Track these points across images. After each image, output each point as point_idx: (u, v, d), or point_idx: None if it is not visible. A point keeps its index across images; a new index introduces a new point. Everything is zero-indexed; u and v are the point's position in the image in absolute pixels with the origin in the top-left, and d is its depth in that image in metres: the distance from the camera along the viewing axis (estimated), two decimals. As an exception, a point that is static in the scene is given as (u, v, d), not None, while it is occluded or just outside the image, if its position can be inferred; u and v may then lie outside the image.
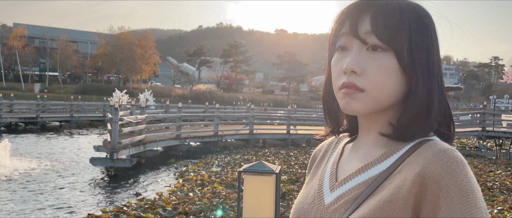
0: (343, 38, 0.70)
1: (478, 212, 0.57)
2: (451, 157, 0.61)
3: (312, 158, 0.89)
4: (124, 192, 8.64)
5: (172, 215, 6.00)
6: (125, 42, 53.64)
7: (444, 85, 0.73)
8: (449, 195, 0.58)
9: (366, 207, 0.64)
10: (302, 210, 0.76)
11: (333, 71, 0.72)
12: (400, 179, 0.63)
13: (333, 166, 0.78)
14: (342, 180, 0.72)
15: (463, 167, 0.60)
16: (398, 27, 0.66)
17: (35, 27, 64.84)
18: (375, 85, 0.66)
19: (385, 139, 0.71)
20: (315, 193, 0.76)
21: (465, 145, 19.30)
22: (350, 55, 0.68)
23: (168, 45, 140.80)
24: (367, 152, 0.72)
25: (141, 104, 15.31)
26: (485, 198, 6.91)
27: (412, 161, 0.64)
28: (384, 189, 0.64)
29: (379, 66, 0.66)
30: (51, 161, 11.56)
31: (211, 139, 15.00)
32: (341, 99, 0.69)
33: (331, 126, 0.81)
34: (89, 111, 28.30)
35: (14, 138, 17.06)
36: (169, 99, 31.90)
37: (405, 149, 0.67)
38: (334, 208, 0.70)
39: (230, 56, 64.96)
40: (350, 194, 0.69)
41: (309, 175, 0.86)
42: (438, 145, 0.64)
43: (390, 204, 0.62)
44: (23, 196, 7.78)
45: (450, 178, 0.59)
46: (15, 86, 47.78)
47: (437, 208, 0.58)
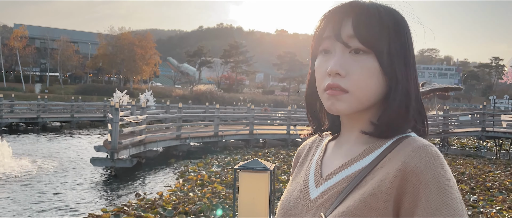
0: (326, 41, 0.74)
1: (454, 202, 0.63)
2: (429, 152, 0.66)
3: (297, 156, 0.92)
4: (125, 192, 8.67)
5: (172, 215, 6.03)
6: (126, 43, 53.70)
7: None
8: (428, 187, 0.63)
9: (351, 200, 0.68)
10: (288, 205, 0.79)
11: (317, 73, 0.75)
12: (383, 173, 0.67)
13: (317, 163, 0.81)
14: (326, 176, 0.76)
15: (440, 161, 0.65)
16: (378, 32, 0.70)
17: (36, 27, 64.94)
18: (358, 86, 0.70)
19: (367, 136, 0.75)
20: (301, 189, 0.79)
21: (465, 145, 19.30)
22: (334, 57, 0.72)
23: (168, 46, 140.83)
24: (350, 149, 0.76)
25: (141, 104, 15.33)
26: (484, 198, 6.95)
27: (393, 156, 0.69)
28: (367, 183, 0.68)
29: (362, 68, 0.70)
30: (51, 161, 11.60)
31: (211, 139, 15.03)
32: (326, 100, 0.73)
33: (314, 125, 0.85)
34: (89, 111, 28.34)
35: (15, 138, 17.11)
36: (170, 100, 31.93)
37: (386, 146, 0.72)
38: (320, 202, 0.73)
39: (230, 57, 64.97)
40: (335, 189, 0.72)
41: (294, 173, 0.89)
42: (417, 141, 0.69)
43: (373, 197, 0.65)
44: (23, 196, 7.81)
45: (429, 172, 0.63)
46: (15, 87, 47.86)
47: (417, 199, 0.63)
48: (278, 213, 0.81)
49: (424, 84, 20.05)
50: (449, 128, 17.03)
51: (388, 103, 0.72)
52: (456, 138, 20.82)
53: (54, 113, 25.58)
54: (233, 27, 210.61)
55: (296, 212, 0.77)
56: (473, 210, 6.02)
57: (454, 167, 10.79)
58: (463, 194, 7.26)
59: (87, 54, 62.07)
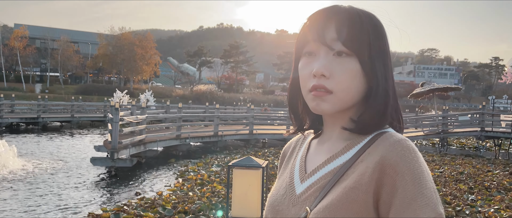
0: (310, 44, 0.77)
1: (428, 191, 0.67)
2: (404, 146, 0.71)
3: (282, 155, 0.97)
4: (125, 191, 8.71)
5: (172, 214, 6.06)
6: (126, 43, 53.75)
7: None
8: (404, 178, 0.68)
9: (334, 194, 0.73)
10: (276, 201, 0.83)
11: (302, 74, 0.79)
12: (363, 167, 0.72)
13: (302, 160, 0.86)
14: (311, 172, 0.80)
15: (415, 154, 0.70)
16: (360, 35, 0.75)
17: (36, 27, 65.01)
18: (342, 87, 0.75)
19: (348, 133, 0.79)
20: (287, 186, 0.84)
21: (464, 145, 19.32)
22: (319, 60, 0.76)
23: (168, 46, 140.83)
24: (332, 145, 0.81)
25: (141, 104, 15.37)
26: (482, 197, 6.98)
27: (372, 151, 0.74)
28: (349, 177, 0.73)
29: (346, 70, 0.75)
30: (52, 161, 11.63)
31: (211, 139, 15.06)
32: (311, 101, 0.77)
33: (296, 125, 0.89)
34: (90, 111, 28.38)
35: (15, 138, 17.15)
36: (170, 100, 31.97)
37: (365, 141, 0.77)
38: (305, 197, 0.77)
39: (230, 57, 65.00)
40: (319, 183, 0.77)
41: (280, 171, 0.93)
42: (394, 136, 0.74)
43: (354, 189, 0.70)
44: (24, 196, 7.85)
45: (404, 164, 0.69)
46: (16, 87, 47.92)
47: (394, 190, 0.68)
48: (266, 209, 0.85)
49: (424, 84, 20.09)
50: (448, 128, 17.05)
51: (369, 102, 0.77)
52: (456, 138, 20.84)
53: (54, 113, 25.63)
54: (233, 27, 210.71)
55: (283, 208, 0.80)
56: (471, 210, 6.05)
57: (453, 167, 10.82)
58: (462, 193, 7.29)
59: (87, 54, 62.12)
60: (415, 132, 18.80)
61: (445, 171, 9.94)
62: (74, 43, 59.35)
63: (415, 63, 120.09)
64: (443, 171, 10.06)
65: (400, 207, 0.66)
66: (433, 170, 10.08)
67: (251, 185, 1.81)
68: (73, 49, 56.88)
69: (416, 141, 18.91)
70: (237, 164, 1.98)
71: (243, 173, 1.86)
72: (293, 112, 0.88)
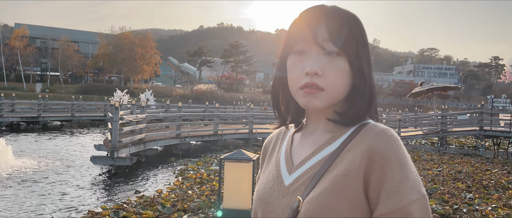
0: (301, 43, 0.81)
1: (412, 175, 0.75)
2: (389, 135, 0.77)
3: (264, 150, 1.00)
4: (125, 190, 8.75)
5: (171, 212, 6.10)
6: (126, 42, 53.75)
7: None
8: (392, 164, 0.74)
9: (325, 182, 0.77)
10: (265, 194, 0.87)
11: (292, 72, 0.83)
12: (351, 156, 0.78)
13: (287, 152, 0.89)
14: (298, 163, 0.84)
15: (398, 142, 0.77)
16: (348, 36, 0.81)
17: (37, 27, 65.03)
18: (332, 85, 0.80)
19: (332, 126, 0.85)
20: (274, 178, 0.87)
21: (464, 144, 19.36)
22: (310, 59, 0.80)
23: (169, 45, 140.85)
24: (317, 138, 0.86)
25: (141, 103, 15.42)
26: (480, 196, 7.02)
27: (358, 140, 0.79)
28: (337, 166, 0.78)
29: (336, 69, 0.80)
30: (52, 160, 11.68)
31: (211, 138, 15.11)
32: (302, 97, 0.81)
33: (280, 119, 0.93)
34: (90, 110, 28.43)
35: (16, 137, 17.20)
36: (170, 99, 32.01)
37: (349, 132, 0.83)
38: (295, 187, 0.81)
39: (230, 56, 65.02)
40: (308, 174, 0.81)
41: (264, 165, 0.96)
42: (377, 126, 0.80)
43: (345, 177, 0.76)
44: (24, 195, 7.89)
45: (391, 152, 0.75)
46: (16, 86, 47.94)
47: (383, 175, 0.74)
48: (255, 202, 0.88)
49: (423, 84, 20.13)
50: (447, 127, 17.08)
51: (357, 98, 0.83)
52: (455, 137, 20.87)
53: (54, 113, 25.68)
54: (234, 26, 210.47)
55: (273, 199, 0.84)
56: (468, 208, 6.09)
57: (452, 166, 10.86)
58: (459, 192, 7.33)
59: (87, 54, 62.14)
60: (414, 131, 18.85)
61: (444, 170, 9.98)
62: (74, 43, 59.34)
63: (415, 63, 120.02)
64: (441, 170, 10.10)
65: (389, 190, 0.72)
66: (432, 169, 10.12)
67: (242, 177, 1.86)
68: (73, 49, 56.82)
69: (415, 140, 18.96)
70: (229, 158, 2.03)
71: (235, 166, 1.91)
72: (277, 108, 0.92)
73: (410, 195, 0.72)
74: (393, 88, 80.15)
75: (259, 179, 0.98)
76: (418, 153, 13.89)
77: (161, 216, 5.99)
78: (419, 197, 0.72)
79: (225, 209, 2.05)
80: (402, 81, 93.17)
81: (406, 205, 0.71)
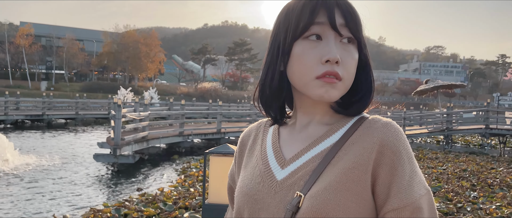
0: (316, 27, 0.73)
1: (418, 170, 0.73)
2: (396, 128, 0.74)
3: (241, 144, 0.92)
4: (127, 187, 8.75)
5: (172, 210, 6.08)
6: (131, 41, 53.95)
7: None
8: (402, 158, 0.71)
9: (330, 176, 0.72)
10: (252, 190, 0.79)
11: (306, 60, 0.74)
12: (358, 148, 0.73)
13: (275, 147, 0.83)
14: (293, 156, 0.78)
15: (404, 135, 0.74)
16: (360, 23, 0.76)
17: (42, 25, 65.38)
18: (349, 74, 0.75)
19: (328, 118, 0.80)
20: (262, 173, 0.80)
21: (469, 142, 19.21)
22: (329, 45, 0.73)
23: (173, 43, 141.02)
24: (312, 131, 0.80)
25: (144, 101, 15.43)
26: (485, 194, 6.94)
27: (363, 133, 0.75)
28: (342, 159, 0.73)
29: (352, 57, 0.76)
30: (55, 158, 11.71)
31: (214, 136, 15.10)
32: (319, 88, 0.73)
33: (274, 114, 0.84)
34: (94, 108, 28.56)
35: (20, 135, 17.28)
36: (174, 97, 32.06)
37: (349, 125, 0.77)
38: (290, 182, 0.75)
39: (235, 54, 65.06)
40: (306, 167, 0.75)
41: (244, 160, 0.88)
42: (381, 119, 0.76)
43: (354, 169, 0.71)
44: (27, 191, 7.91)
45: (400, 145, 0.72)
46: (22, 84, 48.26)
47: (394, 169, 0.71)
48: (239, 200, 0.80)
49: (428, 81, 19.99)
50: (452, 125, 16.95)
51: (362, 88, 0.79)
52: (461, 136, 20.71)
53: (59, 110, 25.82)
54: (238, 24, 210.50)
55: (263, 196, 0.77)
56: (472, 206, 6.01)
57: (457, 164, 10.76)
58: (464, 190, 7.25)
59: (92, 52, 62.40)
60: (420, 130, 18.74)
61: (448, 168, 9.89)
62: (79, 41, 59.58)
63: (421, 61, 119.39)
64: (446, 168, 10.01)
65: (401, 184, 0.69)
66: (436, 167, 10.03)
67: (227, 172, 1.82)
68: (78, 47, 57.07)
69: (420, 138, 18.85)
70: (214, 152, 1.99)
71: (220, 160, 1.87)
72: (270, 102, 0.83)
73: (419, 190, 0.70)
74: (399, 86, 79.81)
75: (235, 175, 0.92)
76: (423, 151, 13.78)
77: (162, 213, 5.96)
78: (427, 191, 0.71)
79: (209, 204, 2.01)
80: (407, 79, 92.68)
81: (417, 199, 0.69)
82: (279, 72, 0.78)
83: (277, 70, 0.78)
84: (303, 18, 0.73)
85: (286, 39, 0.76)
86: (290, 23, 0.75)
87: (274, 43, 0.79)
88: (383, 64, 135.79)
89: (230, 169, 0.97)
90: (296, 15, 0.74)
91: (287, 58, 0.76)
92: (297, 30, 0.74)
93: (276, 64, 0.78)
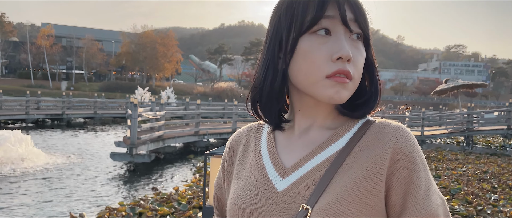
0: (327, 21, 0.67)
1: (431, 177, 0.69)
2: (408, 133, 0.69)
3: (230, 150, 0.84)
4: (142, 186, 8.82)
5: (186, 209, 6.09)
6: (148, 41, 54.59)
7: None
8: (417, 166, 0.66)
9: (340, 186, 0.65)
10: (247, 203, 0.71)
11: (314, 56, 0.67)
12: (369, 155, 0.67)
13: (272, 153, 0.75)
14: (294, 165, 0.71)
15: (416, 140, 0.69)
16: (367, 18, 0.70)
17: (62, 26, 66.79)
18: (359, 73, 0.69)
19: (330, 122, 0.73)
20: (260, 184, 0.72)
21: (491, 143, 18.74)
22: (339, 41, 0.66)
23: (190, 44, 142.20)
24: (313, 136, 0.73)
25: (161, 101, 15.55)
26: (505, 197, 6.74)
27: (371, 138, 0.68)
28: (352, 167, 0.66)
29: (361, 55, 0.70)
30: (73, 156, 11.91)
31: (229, 135, 14.99)
32: (330, 88, 0.66)
33: (274, 119, 0.76)
34: (112, 108, 28.97)
35: (41, 133, 17.66)
36: (190, 97, 32.27)
37: (356, 128, 0.71)
38: (294, 193, 0.67)
39: (251, 54, 65.10)
40: (312, 176, 0.68)
41: (235, 168, 0.80)
42: (391, 123, 0.70)
43: (367, 179, 0.65)
44: (45, 189, 8.06)
45: (414, 151, 0.67)
46: (43, 84, 49.37)
47: (409, 177, 0.66)
48: (234, 215, 0.72)
49: (448, 81, 19.56)
50: (473, 126, 16.55)
51: (371, 89, 0.73)
52: (482, 137, 20.21)
53: (78, 110, 26.31)
54: (255, 24, 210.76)
55: (262, 209, 0.69)
56: (493, 209, 5.84)
57: (477, 166, 10.49)
58: (484, 192, 7.05)
59: (111, 52, 63.42)
60: (439, 130, 18.37)
61: (468, 170, 9.65)
62: (98, 41, 60.64)
63: (441, 60, 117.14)
64: (466, 170, 9.77)
65: (418, 194, 0.65)
66: (456, 169, 9.79)
67: None
68: (97, 47, 58.07)
69: (439, 139, 18.47)
70: (214, 152, 1.94)
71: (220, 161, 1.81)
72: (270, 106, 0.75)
73: (436, 200, 0.67)
74: (418, 85, 78.54)
75: (222, 185, 0.84)
76: (442, 152, 13.49)
77: (176, 213, 5.98)
78: (442, 201, 0.68)
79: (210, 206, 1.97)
80: (427, 79, 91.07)
81: (435, 210, 0.65)
82: (281, 71, 0.71)
83: (279, 69, 0.71)
84: (311, 11, 0.66)
85: (290, 34, 0.68)
86: (294, 17, 0.68)
87: (274, 39, 0.71)
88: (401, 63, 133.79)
89: (216, 178, 0.89)
90: (302, 7, 0.67)
91: (291, 55, 0.69)
92: (304, 24, 0.67)
93: (277, 62, 0.71)
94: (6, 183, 8.31)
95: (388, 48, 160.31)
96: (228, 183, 0.81)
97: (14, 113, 22.06)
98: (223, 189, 0.84)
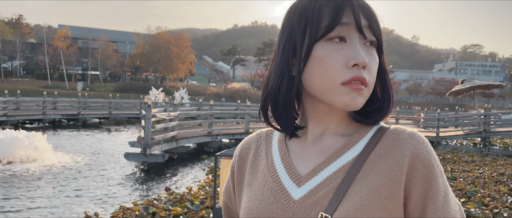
0: (342, 28, 0.66)
1: (446, 181, 0.70)
2: (424, 139, 0.69)
3: (240, 157, 0.82)
4: (156, 186, 8.90)
5: (199, 209, 6.11)
6: (162, 42, 55.06)
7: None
8: (436, 173, 0.67)
9: (359, 194, 0.64)
10: (263, 212, 0.70)
11: (330, 63, 0.66)
12: (386, 162, 0.66)
13: (285, 161, 0.74)
14: (310, 172, 0.70)
15: (431, 146, 0.69)
16: (380, 25, 0.70)
17: (78, 28, 67.89)
18: (373, 80, 0.69)
19: (343, 128, 0.73)
20: (275, 192, 0.71)
21: (508, 145, 18.35)
22: (354, 47, 0.66)
23: (203, 44, 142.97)
24: (327, 143, 0.72)
25: (174, 101, 15.67)
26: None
27: (388, 145, 0.68)
28: (370, 175, 0.66)
29: (375, 61, 0.70)
30: (89, 156, 12.08)
31: (242, 136, 15.12)
32: (345, 95, 0.66)
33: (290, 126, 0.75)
34: (126, 108, 29.28)
35: (57, 133, 17.95)
36: (204, 97, 32.44)
37: (371, 134, 0.71)
38: (311, 202, 0.67)
39: (264, 55, 65.08)
40: (329, 184, 0.67)
41: (246, 176, 0.79)
42: (406, 129, 0.70)
43: (386, 186, 0.65)
44: (59, 188, 8.19)
45: (431, 157, 0.67)
46: (59, 85, 50.21)
47: (428, 184, 0.66)
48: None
49: (464, 81, 19.25)
50: (490, 127, 16.24)
51: (384, 95, 0.73)
52: (499, 138, 19.82)
53: (93, 110, 26.67)
54: (268, 25, 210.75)
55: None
56: (509, 212, 5.72)
57: (494, 168, 10.29)
58: (501, 195, 6.90)
59: (125, 53, 64.17)
60: (455, 132, 18.07)
61: (485, 172, 9.47)
62: (113, 43, 61.42)
63: (457, 60, 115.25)
64: (483, 172, 9.59)
65: (437, 201, 0.65)
66: (472, 171, 9.62)
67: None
68: (112, 49, 58.83)
69: (455, 141, 18.18)
70: (225, 154, 1.94)
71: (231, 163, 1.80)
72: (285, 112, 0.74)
73: (454, 206, 0.67)
74: (433, 86, 77.46)
75: (231, 193, 0.84)
76: (458, 154, 13.27)
77: (189, 213, 6.01)
78: (459, 207, 0.69)
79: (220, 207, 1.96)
80: (442, 79, 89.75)
81: (454, 215, 0.66)
82: (297, 77, 0.70)
83: (296, 76, 0.70)
84: (325, 18, 0.66)
85: (304, 41, 0.68)
86: (308, 24, 0.68)
87: (288, 45, 0.71)
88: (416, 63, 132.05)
89: (225, 186, 0.88)
90: (317, 14, 0.67)
91: (305, 61, 0.68)
92: (319, 31, 0.66)
93: (291, 69, 0.71)
94: (22, 182, 8.48)
95: (403, 48, 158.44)
96: (239, 191, 0.81)
97: (31, 113, 22.50)
98: (233, 198, 0.84)
